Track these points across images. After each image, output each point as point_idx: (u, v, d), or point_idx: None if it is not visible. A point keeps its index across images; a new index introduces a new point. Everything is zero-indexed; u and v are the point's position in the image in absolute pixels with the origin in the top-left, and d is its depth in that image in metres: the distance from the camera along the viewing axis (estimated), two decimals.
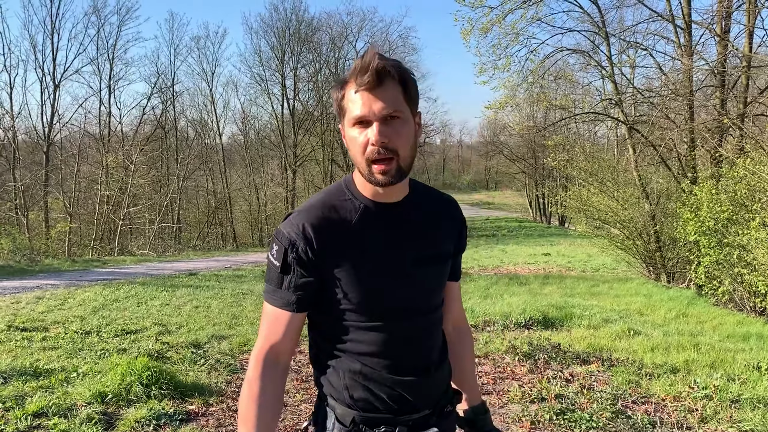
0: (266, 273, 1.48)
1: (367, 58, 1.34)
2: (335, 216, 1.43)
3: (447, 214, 1.59)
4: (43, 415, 4.15)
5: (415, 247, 1.47)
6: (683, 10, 14.54)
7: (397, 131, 1.36)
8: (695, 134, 13.93)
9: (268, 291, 1.46)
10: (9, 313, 8.32)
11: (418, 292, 1.48)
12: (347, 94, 1.38)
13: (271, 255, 1.45)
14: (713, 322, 8.20)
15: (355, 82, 1.35)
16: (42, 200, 30.58)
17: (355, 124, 1.37)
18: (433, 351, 1.53)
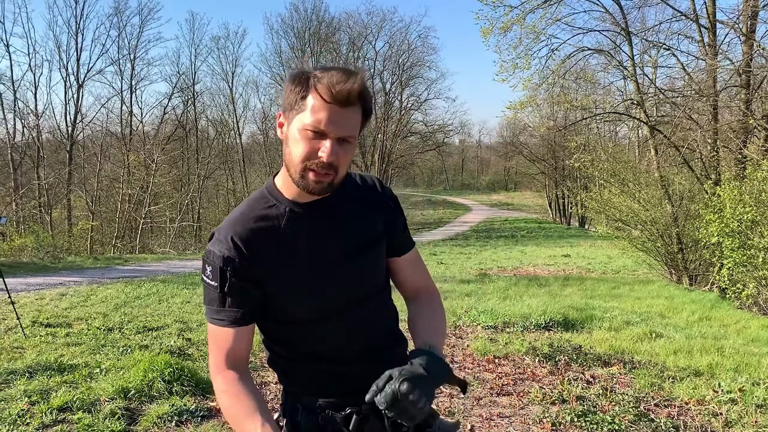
0: (205, 295, 1.48)
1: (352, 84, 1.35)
2: (262, 224, 1.47)
3: (371, 195, 1.61)
4: (68, 410, 4.21)
5: (345, 239, 1.51)
6: (708, 9, 14.34)
7: (345, 152, 1.40)
8: (719, 135, 13.74)
9: (211, 312, 1.47)
10: (33, 309, 8.45)
11: (356, 282, 1.52)
12: (311, 98, 1.37)
13: (206, 277, 1.45)
14: (737, 326, 8.08)
15: (329, 95, 1.35)
16: (65, 198, 31.04)
17: (309, 131, 1.37)
18: (381, 333, 1.59)
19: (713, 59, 13.74)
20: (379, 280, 1.61)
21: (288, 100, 1.42)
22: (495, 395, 4.73)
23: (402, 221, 1.67)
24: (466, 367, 5.57)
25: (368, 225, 1.56)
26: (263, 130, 44.08)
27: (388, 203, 1.63)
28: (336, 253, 1.50)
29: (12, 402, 4.36)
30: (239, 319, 1.45)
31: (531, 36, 16.79)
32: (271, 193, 1.51)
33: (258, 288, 1.46)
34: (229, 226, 1.47)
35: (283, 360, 1.56)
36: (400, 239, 1.66)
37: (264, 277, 1.45)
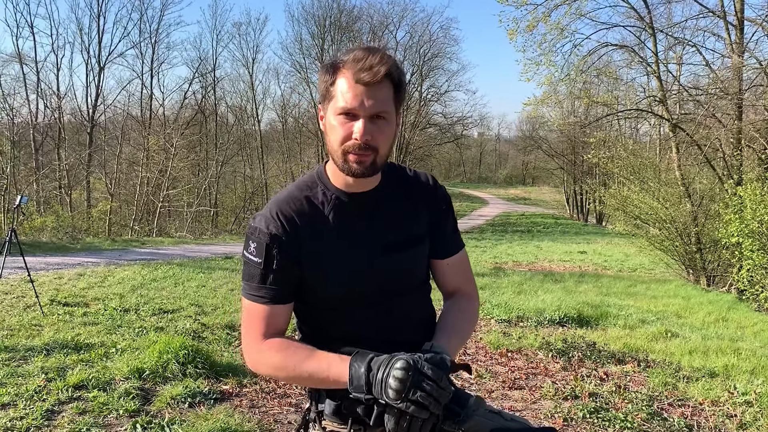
0: (245, 271, 1.48)
1: (374, 59, 1.37)
2: (308, 207, 1.48)
3: (423, 194, 1.61)
4: (83, 388, 4.26)
5: (386, 232, 1.52)
6: (736, 6, 14.13)
7: (381, 130, 1.40)
8: (743, 134, 13.54)
9: (250, 288, 1.48)
10: (52, 288, 8.56)
11: (392, 275, 1.52)
12: (339, 82, 1.39)
13: (249, 253, 1.46)
14: (754, 328, 7.99)
15: (353, 73, 1.37)
16: (85, 180, 31.35)
17: (341, 114, 1.39)
18: (413, 328, 1.57)
19: (739, 57, 13.53)
20: (417, 277, 1.61)
21: (321, 91, 1.44)
22: (507, 389, 4.72)
23: (451, 224, 1.66)
24: (479, 359, 5.56)
25: (413, 223, 1.57)
26: (282, 118, 44.22)
27: (440, 204, 1.64)
28: (375, 244, 1.51)
29: (29, 378, 4.43)
30: (279, 297, 1.46)
31: (555, 32, 16.65)
32: (320, 179, 1.53)
33: (298, 268, 1.46)
34: (277, 204, 1.49)
35: (313, 341, 1.53)
36: (445, 241, 1.65)
37: (305, 258, 1.46)
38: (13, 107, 29.52)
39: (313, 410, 1.55)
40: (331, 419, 1.50)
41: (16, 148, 27.51)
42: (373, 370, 1.29)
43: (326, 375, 1.37)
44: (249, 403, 4.20)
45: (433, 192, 1.63)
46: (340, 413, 1.48)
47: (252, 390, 4.46)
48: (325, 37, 40.09)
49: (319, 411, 1.53)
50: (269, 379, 4.60)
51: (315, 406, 1.54)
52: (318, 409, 1.53)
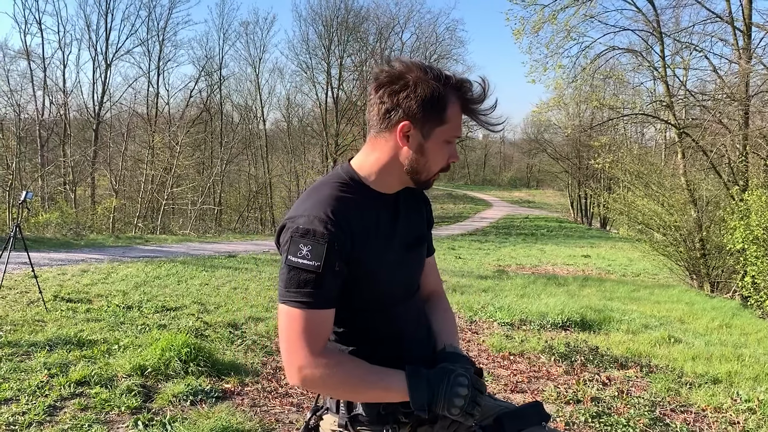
0: (291, 280, 1.39)
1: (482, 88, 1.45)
2: (355, 207, 1.46)
3: (419, 199, 1.70)
4: (86, 384, 4.27)
5: (408, 232, 1.60)
6: (743, 12, 14.08)
7: None
8: (749, 141, 13.50)
9: (301, 296, 1.38)
10: (56, 283, 8.58)
11: (412, 273, 1.61)
12: (453, 109, 1.45)
13: (300, 257, 1.37)
14: (758, 335, 7.95)
15: (470, 103, 1.45)
16: (89, 176, 31.43)
17: (452, 140, 1.48)
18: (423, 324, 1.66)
19: (747, 63, 13.49)
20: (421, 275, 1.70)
21: (423, 112, 1.43)
22: (509, 392, 4.71)
23: (431, 223, 1.77)
24: (481, 362, 5.55)
25: (420, 223, 1.68)
26: (287, 118, 44.23)
27: (427, 207, 1.75)
28: (402, 243, 1.57)
29: (32, 373, 4.43)
30: (334, 299, 1.42)
31: (562, 34, 16.62)
32: (351, 178, 1.53)
33: (347, 269, 1.43)
34: (323, 204, 1.43)
35: (345, 343, 1.53)
36: (429, 240, 1.76)
37: (356, 258, 1.43)
38: (19, 103, 29.63)
39: (340, 416, 1.53)
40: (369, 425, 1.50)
41: (21, 144, 27.60)
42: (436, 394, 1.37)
43: (388, 388, 1.41)
44: (250, 402, 4.20)
45: (426, 198, 1.75)
46: (380, 416, 1.49)
47: (254, 389, 4.46)
48: (332, 37, 40.08)
49: (352, 416, 1.51)
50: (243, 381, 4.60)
51: (347, 412, 1.52)
52: (351, 414, 1.51)
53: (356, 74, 40.90)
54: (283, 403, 4.23)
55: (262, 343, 5.74)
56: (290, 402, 4.25)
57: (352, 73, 41.09)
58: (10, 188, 23.17)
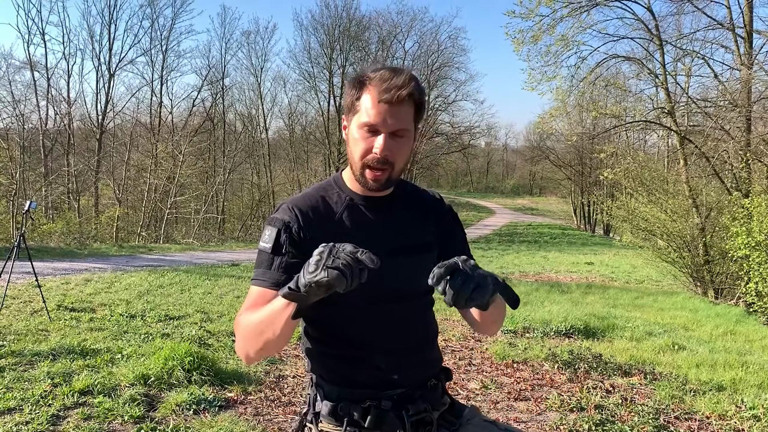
0: (257, 260, 1.53)
1: (398, 80, 1.44)
2: (323, 206, 1.56)
3: (432, 210, 1.69)
4: (89, 393, 4.27)
5: (394, 237, 1.57)
6: (744, 19, 14.12)
7: (400, 147, 1.49)
8: (751, 147, 13.49)
9: (257, 275, 1.51)
10: (59, 293, 8.59)
11: (396, 279, 1.53)
12: (364, 98, 1.47)
13: (263, 241, 1.52)
14: (763, 342, 7.92)
15: (378, 92, 1.44)
16: (93, 186, 31.51)
17: (364, 128, 1.47)
18: (414, 335, 1.60)
19: (748, 69, 13.50)
20: (418, 285, 1.58)
21: (347, 103, 1.52)
22: (512, 400, 4.69)
23: (461, 235, 1.74)
24: (484, 370, 5.54)
25: (420, 232, 1.63)
26: (289, 126, 44.33)
27: (446, 216, 1.72)
28: (381, 247, 1.49)
29: (35, 383, 4.44)
30: (281, 283, 1.44)
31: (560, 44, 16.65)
32: (336, 183, 1.61)
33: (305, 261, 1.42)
34: (296, 200, 1.57)
35: (315, 342, 1.59)
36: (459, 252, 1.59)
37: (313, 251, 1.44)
38: (23, 113, 29.74)
39: (310, 412, 1.58)
40: (328, 420, 1.52)
41: (25, 153, 27.69)
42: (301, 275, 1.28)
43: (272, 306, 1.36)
44: (253, 410, 4.20)
45: (441, 206, 1.73)
46: (336, 414, 1.50)
47: (257, 398, 4.46)
48: (334, 46, 40.21)
49: (315, 412, 1.55)
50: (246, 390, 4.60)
51: (312, 408, 1.57)
52: (315, 410, 1.55)
53: None
54: (286, 411, 4.22)
55: None
56: (293, 410, 4.24)
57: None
58: (14, 198, 23.23)
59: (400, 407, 1.50)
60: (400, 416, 1.49)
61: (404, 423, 1.49)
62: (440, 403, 1.60)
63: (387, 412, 1.49)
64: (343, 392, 1.51)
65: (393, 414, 1.49)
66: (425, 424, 1.52)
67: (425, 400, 1.54)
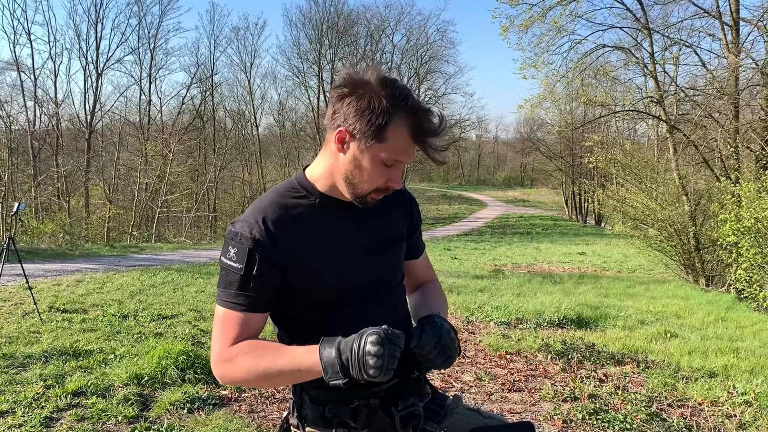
0: (222, 278, 1.45)
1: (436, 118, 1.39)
2: (293, 212, 1.47)
3: (397, 201, 1.65)
4: (82, 394, 4.26)
5: (368, 233, 1.55)
6: (731, 7, 14.17)
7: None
8: (739, 134, 13.56)
9: (227, 296, 1.43)
10: (50, 294, 8.55)
11: (374, 274, 1.54)
12: (398, 130, 1.38)
13: (228, 258, 1.42)
14: (753, 328, 7.98)
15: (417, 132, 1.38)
16: (83, 186, 31.35)
17: (389, 161, 1.41)
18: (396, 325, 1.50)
19: (735, 57, 13.56)
20: (396, 275, 1.64)
21: (359, 123, 1.38)
22: (506, 391, 4.71)
23: (419, 226, 1.76)
24: (478, 362, 5.56)
25: (391, 225, 1.62)
26: (280, 122, 44.24)
27: (411, 207, 1.70)
28: (359, 244, 1.53)
29: (28, 385, 4.42)
30: (257, 305, 1.43)
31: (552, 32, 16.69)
32: (301, 184, 1.53)
33: (281, 275, 1.44)
34: (259, 210, 1.46)
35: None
36: (416, 242, 1.75)
37: (291, 262, 1.43)
38: (10, 114, 29.53)
39: (295, 416, 1.54)
40: (315, 424, 1.49)
41: (13, 155, 27.50)
42: (345, 353, 1.28)
43: (297, 368, 1.34)
44: (248, 408, 4.19)
45: (404, 197, 1.69)
46: (324, 417, 1.47)
47: (251, 395, 4.45)
48: (322, 41, 40.16)
49: (302, 416, 1.52)
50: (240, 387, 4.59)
51: (297, 412, 1.53)
52: (301, 414, 1.52)
53: None
54: (281, 408, 4.22)
55: None
56: (287, 407, 4.23)
57: None
58: (2, 200, 23.08)
59: (389, 403, 1.48)
60: (389, 412, 1.48)
61: (393, 418, 1.48)
62: (424, 394, 1.59)
63: (376, 409, 1.47)
64: (331, 395, 1.45)
65: (382, 411, 1.48)
66: (413, 417, 1.50)
67: (411, 393, 1.53)
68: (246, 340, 1.43)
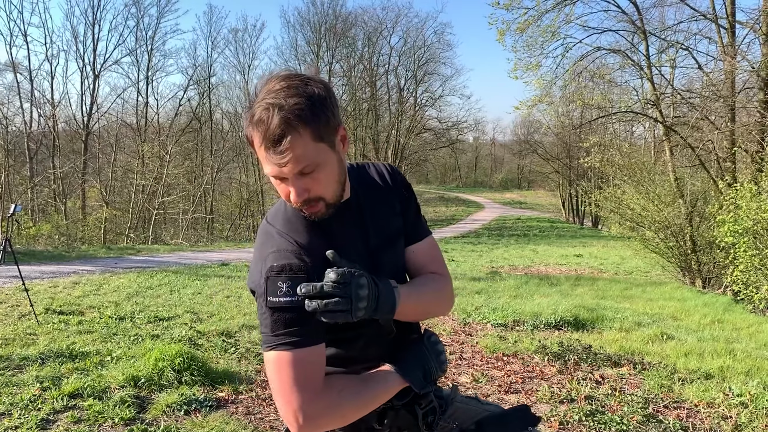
0: (276, 321, 1.29)
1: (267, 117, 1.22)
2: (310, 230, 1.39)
3: (390, 191, 1.56)
4: (79, 396, 4.25)
5: (373, 235, 1.48)
6: (727, 10, 14.21)
7: (316, 179, 1.30)
8: (736, 136, 13.61)
9: (291, 336, 1.28)
10: (47, 296, 8.53)
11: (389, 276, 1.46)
12: (255, 143, 1.27)
13: (281, 295, 1.28)
14: (750, 329, 8.00)
15: (259, 139, 1.25)
16: (79, 188, 31.30)
17: (270, 177, 1.31)
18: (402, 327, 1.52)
19: (732, 60, 13.60)
20: (401, 275, 1.58)
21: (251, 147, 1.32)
22: (503, 393, 4.72)
23: (414, 207, 1.61)
24: (475, 364, 5.56)
25: (392, 220, 1.54)
26: None
27: (401, 191, 1.58)
28: (366, 250, 1.47)
29: (24, 387, 4.41)
30: (323, 332, 1.33)
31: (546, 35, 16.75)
32: None
33: None
34: (287, 237, 1.36)
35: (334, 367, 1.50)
36: (413, 226, 1.60)
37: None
38: (6, 116, 29.49)
39: None
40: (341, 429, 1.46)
41: (9, 156, 27.45)
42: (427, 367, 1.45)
43: (388, 394, 1.40)
44: (245, 410, 4.19)
45: (393, 182, 1.57)
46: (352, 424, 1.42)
47: (248, 397, 4.45)
48: (320, 43, 40.17)
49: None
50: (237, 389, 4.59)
51: None
52: None
53: (345, 80, 40.98)
54: (278, 410, 4.21)
55: (256, 351, 5.73)
56: None
57: (341, 78, 41.16)
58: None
59: (412, 402, 1.48)
60: (412, 410, 1.49)
61: (416, 416, 1.49)
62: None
63: (399, 409, 1.47)
64: None
65: (404, 410, 1.48)
66: (432, 413, 1.53)
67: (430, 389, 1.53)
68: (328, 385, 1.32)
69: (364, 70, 41.77)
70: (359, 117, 40.21)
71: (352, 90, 40.77)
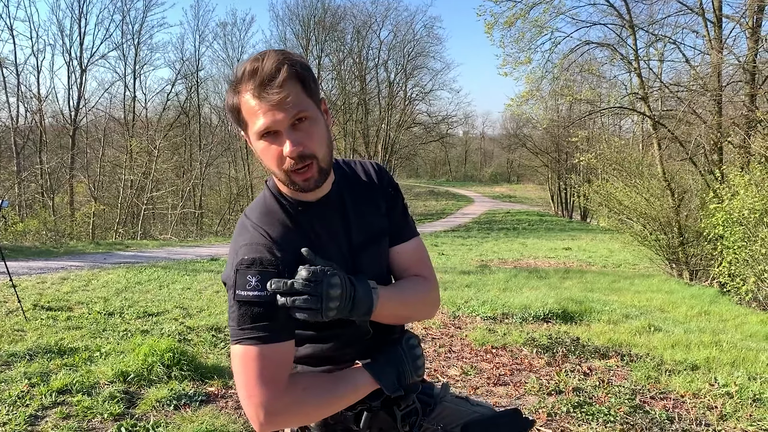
0: (243, 315, 1.28)
1: (267, 65, 1.25)
2: (287, 225, 1.38)
3: (376, 190, 1.54)
4: (67, 392, 4.24)
5: (354, 233, 1.46)
6: (714, 4, 14.28)
7: (309, 133, 1.30)
8: (723, 130, 13.71)
9: (260, 330, 1.27)
10: (35, 292, 8.48)
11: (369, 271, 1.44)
12: (244, 103, 1.29)
13: (249, 289, 1.27)
14: (736, 321, 8.10)
15: (253, 90, 1.26)
16: (67, 183, 31.06)
17: (262, 137, 1.29)
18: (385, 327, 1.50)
19: (718, 54, 13.68)
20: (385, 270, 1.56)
21: (234, 120, 1.35)
22: (492, 385, 4.75)
23: (400, 207, 1.58)
24: (464, 356, 5.59)
25: (375, 218, 1.52)
26: None
27: (388, 190, 1.56)
28: (349, 246, 1.45)
29: (12, 384, 4.39)
30: (291, 329, 1.32)
31: (534, 30, 16.77)
32: (276, 197, 1.43)
33: None
34: (261, 230, 1.36)
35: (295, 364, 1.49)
36: (397, 226, 1.57)
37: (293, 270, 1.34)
38: None
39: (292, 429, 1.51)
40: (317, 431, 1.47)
41: None
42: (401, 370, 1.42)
43: (357, 394, 1.38)
44: (234, 404, 4.20)
45: (379, 181, 1.56)
46: (327, 425, 1.44)
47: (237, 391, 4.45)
48: (309, 36, 40.03)
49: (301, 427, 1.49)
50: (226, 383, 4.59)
51: None
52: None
53: (335, 73, 40.89)
54: None
55: None
56: None
57: (330, 72, 41.07)
58: None
59: (391, 404, 1.47)
60: (391, 412, 1.47)
61: (395, 418, 1.47)
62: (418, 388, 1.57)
63: (378, 411, 1.45)
64: None
65: (384, 412, 1.46)
66: (413, 414, 1.51)
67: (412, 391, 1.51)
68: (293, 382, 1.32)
69: (353, 64, 41.71)
70: (349, 111, 40.14)
71: (341, 84, 40.70)
